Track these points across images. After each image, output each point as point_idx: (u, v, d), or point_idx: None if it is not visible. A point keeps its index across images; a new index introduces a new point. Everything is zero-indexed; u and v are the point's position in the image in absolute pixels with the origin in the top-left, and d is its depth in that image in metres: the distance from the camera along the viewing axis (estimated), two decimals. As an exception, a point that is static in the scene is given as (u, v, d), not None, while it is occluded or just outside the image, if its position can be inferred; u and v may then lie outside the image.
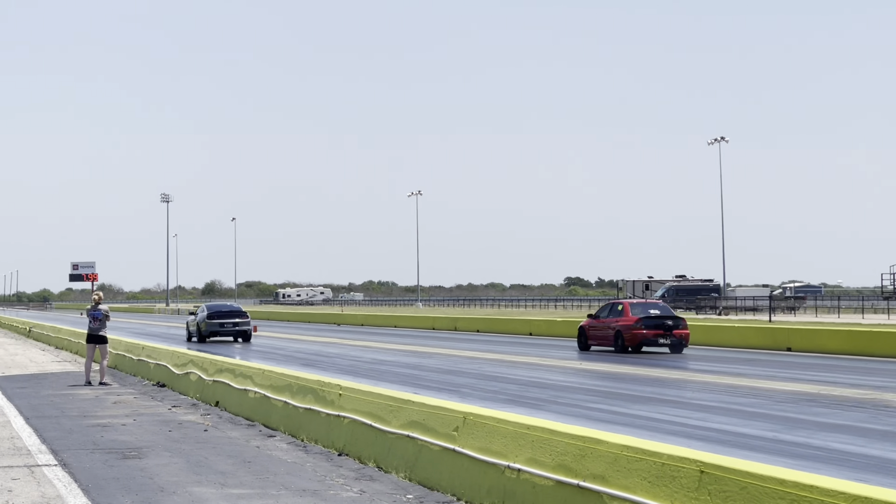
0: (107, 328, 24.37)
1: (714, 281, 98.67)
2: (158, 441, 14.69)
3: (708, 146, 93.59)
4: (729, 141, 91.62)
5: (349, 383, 14.25)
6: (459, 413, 10.95)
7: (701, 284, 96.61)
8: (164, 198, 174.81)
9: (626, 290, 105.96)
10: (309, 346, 39.81)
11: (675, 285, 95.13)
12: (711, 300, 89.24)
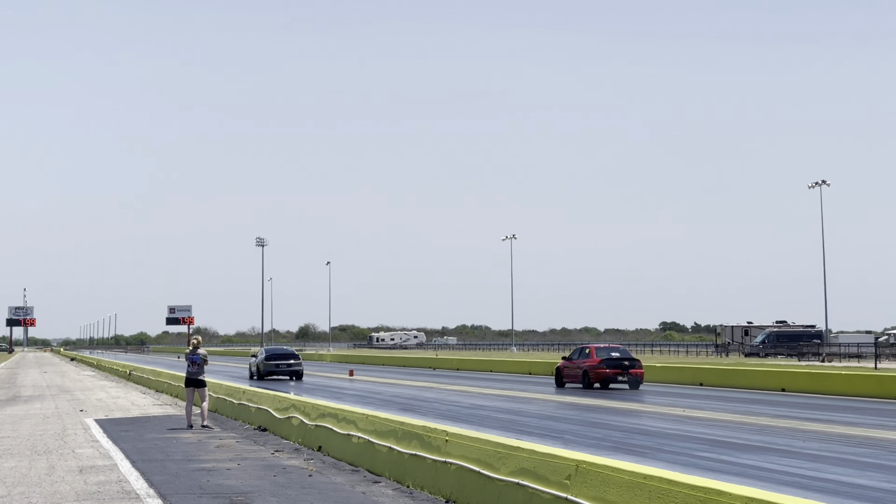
0: (205, 372, 24.52)
1: (816, 327, 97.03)
2: (264, 486, 14.64)
3: (809, 189, 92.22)
4: (830, 185, 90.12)
5: (456, 429, 14.08)
6: (572, 461, 10.74)
7: (802, 330, 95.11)
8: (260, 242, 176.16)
9: (724, 335, 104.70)
10: (406, 391, 39.72)
11: (775, 331, 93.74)
12: (814, 346, 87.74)
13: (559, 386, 41.28)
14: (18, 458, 18.29)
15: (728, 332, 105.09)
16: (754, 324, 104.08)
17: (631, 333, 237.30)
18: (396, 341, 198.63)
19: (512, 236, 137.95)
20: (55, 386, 49.00)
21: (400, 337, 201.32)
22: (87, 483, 15.10)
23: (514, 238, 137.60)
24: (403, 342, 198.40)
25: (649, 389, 39.75)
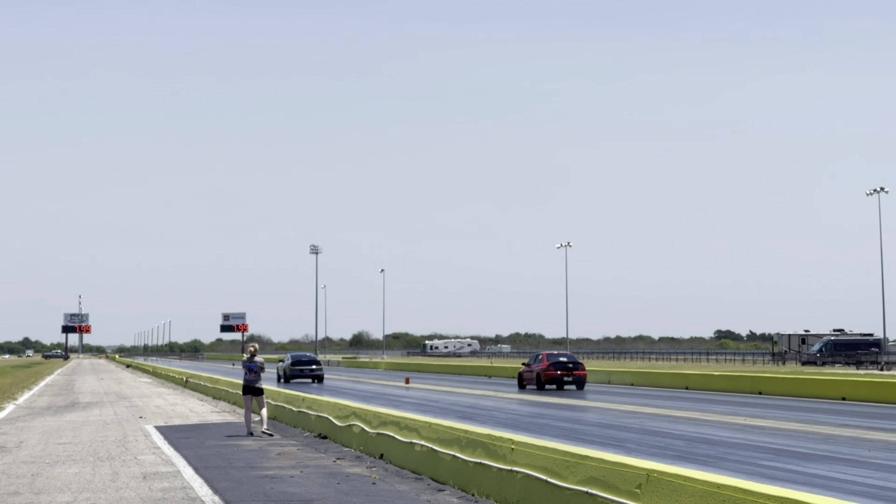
0: (262, 379, 24.55)
1: (874, 335, 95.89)
2: (328, 494, 14.62)
3: (867, 197, 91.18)
4: (888, 192, 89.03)
5: (521, 437, 13.99)
6: (642, 470, 10.63)
7: (860, 339, 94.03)
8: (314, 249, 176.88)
9: (781, 344, 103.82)
10: (463, 399, 39.64)
11: (833, 339, 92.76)
12: (872, 355, 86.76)
13: (521, 388, 48.10)
14: (82, 465, 18.40)
15: (784, 340, 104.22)
16: (811, 332, 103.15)
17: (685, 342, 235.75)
18: (450, 349, 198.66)
19: (567, 244, 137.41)
20: (112, 392, 49.34)
21: (454, 345, 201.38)
22: (152, 489, 15.15)
23: (568, 246, 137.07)
24: (457, 350, 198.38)
25: (708, 398, 39.48)
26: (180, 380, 58.68)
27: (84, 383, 63.87)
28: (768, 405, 34.66)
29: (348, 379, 68.23)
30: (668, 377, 51.19)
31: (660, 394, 43.18)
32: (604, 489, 11.10)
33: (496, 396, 41.32)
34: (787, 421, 27.31)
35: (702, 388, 46.97)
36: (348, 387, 53.57)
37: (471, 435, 15.22)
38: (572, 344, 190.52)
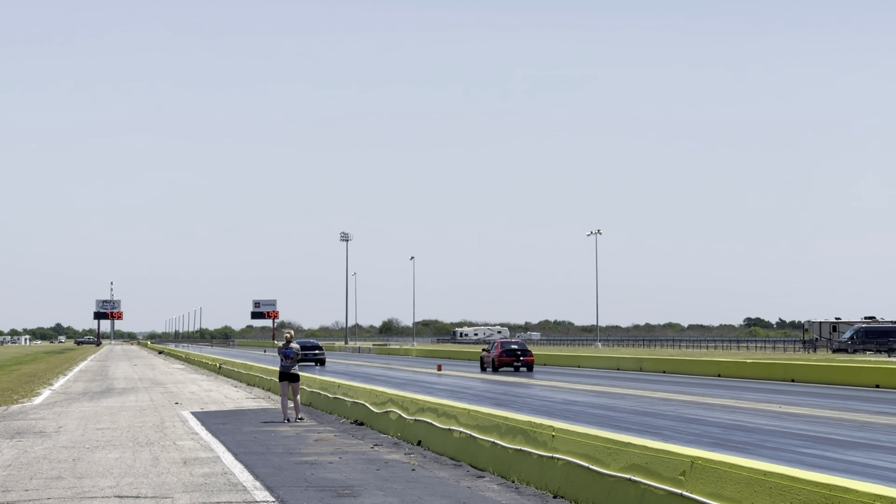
0: (298, 366, 24.68)
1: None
2: (368, 480, 14.69)
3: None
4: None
5: (562, 424, 14.02)
6: (686, 457, 10.64)
7: (892, 326, 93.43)
8: (344, 236, 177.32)
9: (812, 331, 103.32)
10: (496, 386, 39.68)
11: (864, 327, 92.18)
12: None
13: (482, 370, 56.02)
14: (122, 450, 18.53)
15: (815, 328, 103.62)
16: (842, 319, 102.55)
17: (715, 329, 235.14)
18: (480, 336, 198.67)
19: (597, 231, 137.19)
20: (147, 379, 49.62)
21: (484, 332, 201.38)
22: (193, 475, 15.25)
23: (598, 233, 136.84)
24: (487, 337, 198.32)
25: (741, 385, 39.41)
26: (213, 366, 58.92)
27: (118, 369, 64.23)
28: (802, 392, 34.56)
29: (380, 366, 68.37)
30: (700, 364, 51.06)
31: (692, 381, 43.09)
32: (647, 476, 11.12)
33: (529, 383, 41.32)
34: (822, 408, 27.24)
35: (734, 376, 46.87)
36: (380, 373, 53.69)
37: (510, 422, 15.25)
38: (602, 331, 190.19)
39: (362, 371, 57.43)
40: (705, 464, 10.30)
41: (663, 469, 10.90)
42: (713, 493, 9.96)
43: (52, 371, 60.15)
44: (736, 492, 9.68)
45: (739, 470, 9.80)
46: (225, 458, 17.38)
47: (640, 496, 11.13)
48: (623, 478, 11.55)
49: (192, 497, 13.17)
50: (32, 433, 21.77)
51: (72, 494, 13.44)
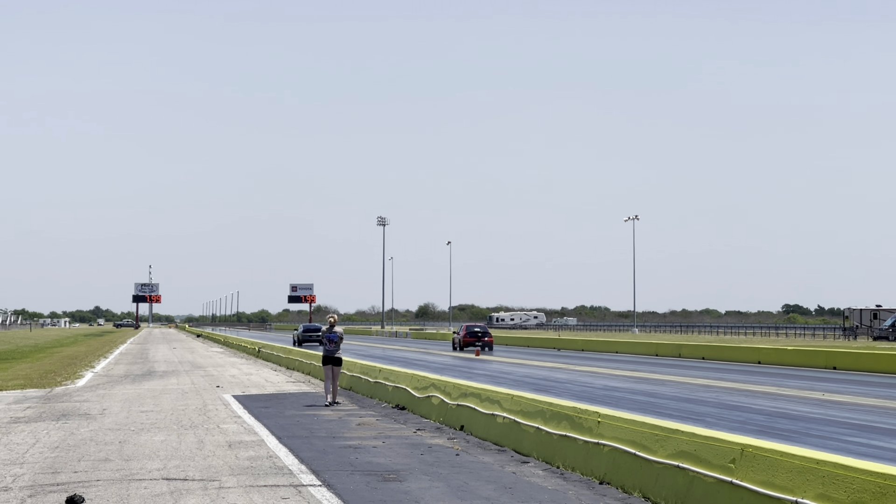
0: (340, 350, 24.73)
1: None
2: (413, 464, 14.71)
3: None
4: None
5: (608, 411, 13.98)
6: (736, 444, 10.58)
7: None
8: (381, 221, 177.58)
9: (852, 318, 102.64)
10: (535, 371, 39.64)
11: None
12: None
13: (453, 349, 67.09)
14: (167, 433, 18.63)
15: (856, 315, 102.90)
16: (883, 307, 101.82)
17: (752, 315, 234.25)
18: (516, 321, 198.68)
19: (634, 217, 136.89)
20: (186, 362, 49.87)
21: (520, 317, 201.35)
22: (239, 458, 15.32)
23: (636, 219, 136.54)
24: (523, 322, 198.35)
25: (783, 373, 39.23)
26: (252, 350, 59.14)
27: (157, 352, 64.59)
28: (844, 380, 34.37)
29: (417, 350, 68.48)
30: (740, 351, 50.85)
31: (732, 368, 42.94)
32: (696, 463, 11.07)
33: (568, 369, 41.28)
34: (866, 396, 27.09)
35: (774, 363, 46.66)
36: (418, 358, 53.77)
37: (555, 407, 15.23)
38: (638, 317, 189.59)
39: (400, 355, 57.52)
40: (756, 451, 10.25)
41: (712, 456, 10.85)
42: (764, 482, 9.91)
43: (93, 354, 60.56)
44: (787, 480, 9.62)
45: (791, 458, 9.74)
46: (269, 441, 17.45)
47: (689, 483, 11.09)
48: (671, 465, 11.51)
49: (238, 480, 13.23)
50: (78, 415, 21.92)
51: (120, 476, 13.53)
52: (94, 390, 29.50)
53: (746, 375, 36.99)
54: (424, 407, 21.54)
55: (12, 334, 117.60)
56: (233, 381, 33.83)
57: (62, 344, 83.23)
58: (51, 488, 12.62)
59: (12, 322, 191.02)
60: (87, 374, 37.84)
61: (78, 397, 26.78)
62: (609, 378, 35.11)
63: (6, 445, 16.79)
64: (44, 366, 44.52)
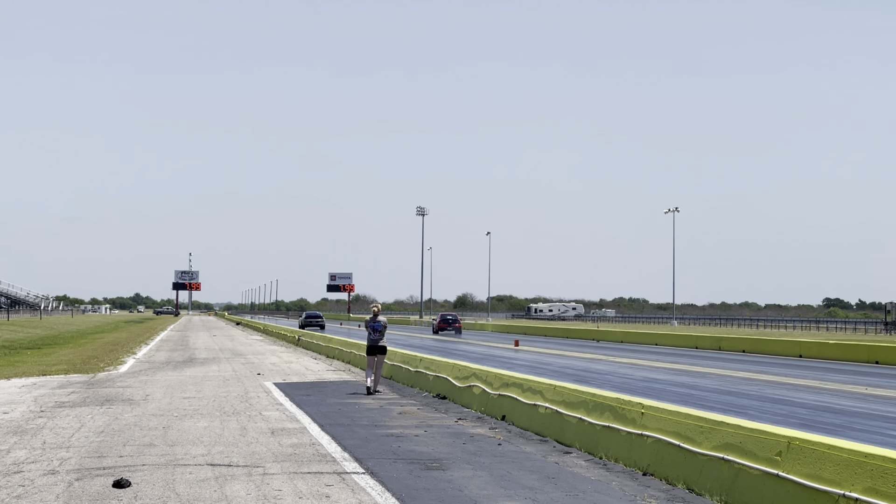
0: (385, 339, 24.78)
1: None
2: (455, 453, 14.73)
3: None
4: None
5: (652, 402, 13.94)
6: (783, 437, 10.54)
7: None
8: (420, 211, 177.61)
9: (894, 313, 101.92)
10: (574, 362, 39.58)
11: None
12: None
13: (433, 334, 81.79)
14: (210, 419, 18.74)
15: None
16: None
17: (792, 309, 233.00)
18: (555, 312, 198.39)
19: (674, 209, 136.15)
20: (227, 349, 50.08)
21: (558, 308, 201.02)
22: (282, 445, 15.38)
23: (676, 211, 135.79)
24: (562, 313, 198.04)
25: (825, 366, 39.03)
26: (292, 338, 59.31)
27: (198, 339, 64.90)
28: (887, 375, 34.17)
29: (456, 340, 68.48)
30: (781, 345, 50.62)
31: (773, 361, 42.76)
32: (741, 455, 11.04)
33: (608, 360, 41.21)
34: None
35: (816, 357, 46.42)
36: (458, 348, 53.80)
37: (597, 398, 15.21)
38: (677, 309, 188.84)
39: (439, 345, 57.54)
40: (803, 444, 10.21)
41: (758, 449, 10.81)
42: (811, 474, 9.87)
43: (134, 340, 60.96)
44: (835, 473, 9.58)
45: (839, 451, 9.70)
46: (311, 429, 17.51)
47: (734, 475, 11.06)
48: (716, 457, 11.48)
49: (282, 467, 13.30)
50: (121, 400, 22.08)
51: (165, 462, 13.62)
52: (137, 376, 29.69)
53: (788, 369, 36.82)
54: (466, 396, 21.56)
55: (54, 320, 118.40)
56: (273, 369, 33.96)
57: (103, 330, 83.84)
58: (97, 472, 12.73)
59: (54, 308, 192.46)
60: (129, 361, 38.09)
61: (121, 383, 26.97)
62: (649, 370, 35.03)
63: (52, 430, 16.94)
64: (86, 351, 44.89)
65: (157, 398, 22.81)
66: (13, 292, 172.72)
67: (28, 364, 35.16)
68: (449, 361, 24.53)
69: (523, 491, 11.81)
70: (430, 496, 11.43)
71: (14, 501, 10.94)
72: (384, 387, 26.12)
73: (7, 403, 21.21)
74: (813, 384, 29.10)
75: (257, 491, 11.58)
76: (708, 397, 24.27)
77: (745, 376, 32.09)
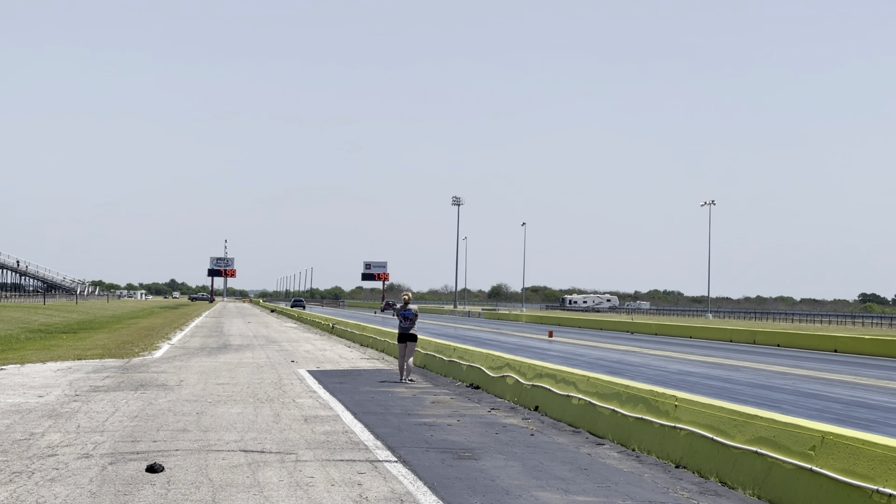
0: (416, 327, 24.83)
1: None
2: (488, 443, 14.73)
3: None
4: None
5: (685, 395, 13.89)
6: (817, 432, 10.48)
7: None
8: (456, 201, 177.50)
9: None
10: (608, 354, 39.50)
11: None
12: None
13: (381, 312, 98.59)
14: (243, 405, 18.81)
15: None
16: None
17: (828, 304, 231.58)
18: (589, 304, 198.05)
19: (711, 202, 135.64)
20: (261, 336, 50.28)
21: (593, 300, 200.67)
22: (315, 432, 15.42)
23: (712, 204, 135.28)
24: (596, 305, 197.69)
25: (860, 361, 38.80)
26: (326, 326, 59.45)
27: (232, 326, 65.19)
28: (923, 371, 33.93)
29: (490, 330, 68.46)
30: (816, 339, 50.33)
31: (808, 356, 42.53)
32: (774, 449, 10.98)
33: (642, 353, 41.10)
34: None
35: (851, 352, 46.15)
36: (491, 338, 53.79)
37: (631, 390, 15.17)
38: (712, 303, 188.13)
39: (473, 335, 57.57)
40: (837, 439, 10.14)
41: (792, 443, 10.76)
42: (845, 469, 9.81)
43: (169, 326, 61.28)
44: (869, 468, 9.52)
45: (873, 447, 9.63)
46: (344, 416, 17.55)
47: (767, 469, 11.01)
48: (749, 450, 11.42)
49: (315, 454, 13.33)
50: (155, 386, 22.20)
51: (198, 447, 13.69)
52: (171, 362, 29.85)
53: (822, 364, 36.63)
54: (499, 386, 21.55)
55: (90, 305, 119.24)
56: (307, 357, 34.06)
57: (138, 316, 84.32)
58: (131, 456, 12.80)
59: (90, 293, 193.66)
60: (164, 346, 38.31)
61: (155, 368, 27.12)
62: (683, 363, 34.92)
63: (87, 413, 17.05)
64: (121, 336, 45.16)
65: (191, 384, 22.91)
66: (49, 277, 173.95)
67: (63, 348, 35.40)
68: (482, 351, 24.53)
69: (555, 482, 11.79)
70: (461, 485, 11.43)
71: (48, 484, 11.02)
72: (417, 376, 26.16)
73: (42, 387, 21.36)
74: (847, 379, 28.94)
75: (290, 477, 11.62)
76: (742, 391, 24.17)
77: (780, 370, 31.95)
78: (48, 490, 10.73)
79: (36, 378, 23.44)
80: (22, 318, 62.31)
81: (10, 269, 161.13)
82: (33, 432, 14.84)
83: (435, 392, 22.29)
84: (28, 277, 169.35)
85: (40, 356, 30.80)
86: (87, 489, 10.80)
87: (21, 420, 16.15)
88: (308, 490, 10.97)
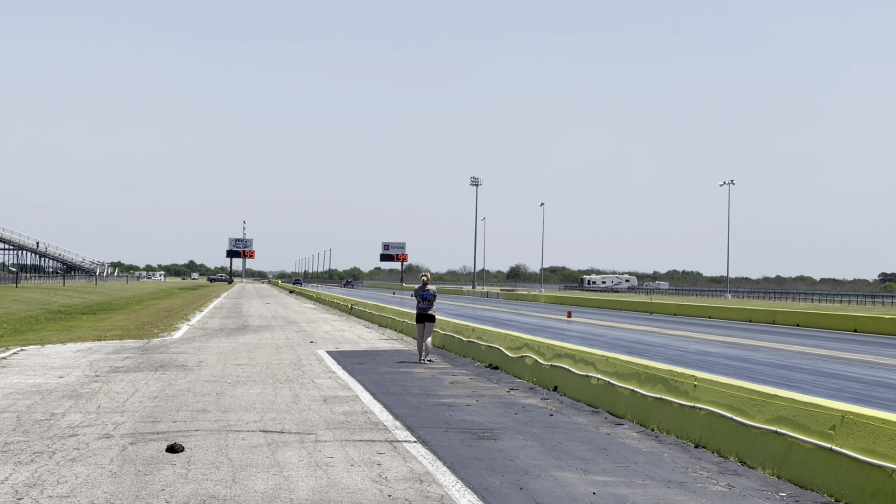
0: (434, 308, 24.84)
1: None
2: (507, 423, 14.74)
3: None
4: None
5: (704, 375, 13.87)
6: (837, 411, 10.46)
7: None
8: (474, 181, 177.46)
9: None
10: (627, 334, 39.44)
11: None
12: None
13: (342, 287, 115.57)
14: (262, 386, 18.85)
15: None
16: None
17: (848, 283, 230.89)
18: (608, 284, 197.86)
19: (730, 182, 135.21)
20: (280, 317, 50.38)
21: (611, 280, 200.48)
22: (334, 413, 15.45)
23: (731, 184, 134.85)
24: (615, 285, 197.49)
25: (880, 341, 38.69)
26: (345, 307, 59.54)
27: (251, 307, 65.33)
28: (944, 351, 33.81)
29: (509, 311, 68.45)
30: (836, 319, 50.19)
31: (828, 335, 42.42)
32: (794, 429, 10.96)
33: (661, 333, 41.04)
34: None
35: (871, 332, 46.04)
36: (510, 318, 53.79)
37: (650, 370, 15.15)
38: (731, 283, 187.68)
39: (491, 315, 57.59)
40: (857, 418, 10.12)
41: (811, 423, 10.73)
42: (865, 449, 9.79)
43: (188, 307, 61.45)
44: (890, 448, 9.49)
45: (894, 426, 9.60)
46: (363, 397, 17.58)
47: (787, 449, 10.99)
48: (769, 430, 11.40)
49: (334, 434, 13.36)
50: (175, 366, 22.27)
51: (218, 427, 13.73)
52: (190, 342, 29.94)
53: (842, 343, 36.53)
54: (517, 367, 21.55)
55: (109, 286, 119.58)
56: (326, 337, 34.12)
57: (157, 297, 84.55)
58: (151, 436, 12.85)
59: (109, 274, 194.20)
60: (183, 327, 38.41)
61: (174, 349, 27.20)
62: (702, 343, 34.86)
63: (107, 394, 17.11)
64: (140, 317, 45.30)
65: (211, 365, 22.98)
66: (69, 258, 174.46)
67: (83, 329, 35.53)
68: (501, 332, 24.53)
69: (574, 461, 11.80)
70: (481, 465, 11.45)
71: (69, 464, 11.07)
72: (436, 356, 26.18)
73: (62, 368, 21.45)
74: (868, 359, 28.86)
75: (309, 458, 11.65)
76: (761, 370, 24.12)
77: (799, 350, 31.88)
78: (69, 470, 10.78)
79: (56, 359, 23.54)
80: (42, 300, 62.53)
81: (29, 251, 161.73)
82: (54, 413, 14.91)
83: (454, 372, 22.30)
84: (48, 259, 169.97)
85: (60, 337, 30.93)
86: (107, 469, 10.85)
87: (42, 401, 16.22)
88: (328, 470, 11.00)
